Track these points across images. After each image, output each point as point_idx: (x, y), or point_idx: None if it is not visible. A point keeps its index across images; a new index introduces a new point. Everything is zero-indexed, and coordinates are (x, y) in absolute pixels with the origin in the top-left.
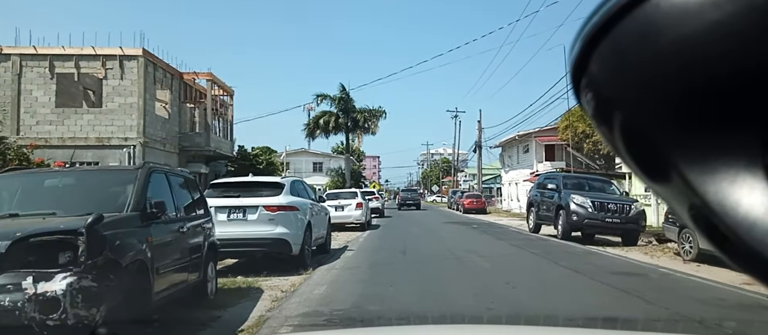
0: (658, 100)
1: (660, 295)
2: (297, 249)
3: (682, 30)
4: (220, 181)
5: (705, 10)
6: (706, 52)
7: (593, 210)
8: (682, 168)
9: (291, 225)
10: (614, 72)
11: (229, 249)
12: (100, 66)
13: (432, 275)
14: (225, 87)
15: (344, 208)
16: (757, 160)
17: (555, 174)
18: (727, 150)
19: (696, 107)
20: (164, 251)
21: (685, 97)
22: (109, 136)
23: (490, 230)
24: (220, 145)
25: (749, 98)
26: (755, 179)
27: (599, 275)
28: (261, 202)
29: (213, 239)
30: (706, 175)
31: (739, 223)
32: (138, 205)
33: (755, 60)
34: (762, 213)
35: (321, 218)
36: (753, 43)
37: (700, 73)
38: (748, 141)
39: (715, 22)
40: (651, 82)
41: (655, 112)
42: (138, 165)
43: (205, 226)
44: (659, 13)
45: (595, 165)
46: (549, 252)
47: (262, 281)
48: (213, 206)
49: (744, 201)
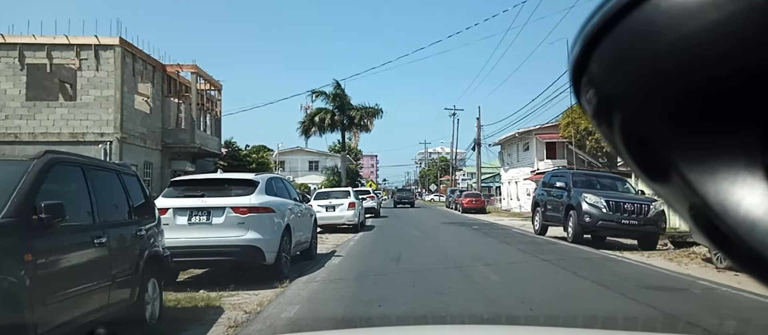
0: (658, 100)
1: (720, 321)
2: (272, 258)
3: (682, 30)
4: (182, 179)
5: (705, 10)
6: (706, 52)
7: (608, 211)
8: (683, 168)
9: (265, 230)
10: (614, 72)
11: (189, 259)
12: (74, 56)
13: (430, 290)
14: (212, 80)
15: (335, 208)
16: (757, 160)
17: (563, 172)
18: (727, 150)
19: (696, 107)
20: (60, 271)
21: (685, 97)
22: (83, 132)
23: (493, 232)
24: (207, 141)
25: (749, 98)
26: (755, 179)
27: (631, 290)
28: (229, 203)
29: (158, 249)
30: (706, 175)
31: (740, 223)
32: (18, 210)
33: (755, 60)
34: (762, 213)
35: (304, 220)
36: (753, 43)
37: (700, 73)
38: (748, 141)
39: (715, 22)
40: (651, 81)
41: (655, 112)
42: (36, 154)
43: (146, 234)
44: (659, 13)
45: (598, 163)
46: (563, 258)
47: (227, 297)
48: (171, 207)
49: (744, 202)
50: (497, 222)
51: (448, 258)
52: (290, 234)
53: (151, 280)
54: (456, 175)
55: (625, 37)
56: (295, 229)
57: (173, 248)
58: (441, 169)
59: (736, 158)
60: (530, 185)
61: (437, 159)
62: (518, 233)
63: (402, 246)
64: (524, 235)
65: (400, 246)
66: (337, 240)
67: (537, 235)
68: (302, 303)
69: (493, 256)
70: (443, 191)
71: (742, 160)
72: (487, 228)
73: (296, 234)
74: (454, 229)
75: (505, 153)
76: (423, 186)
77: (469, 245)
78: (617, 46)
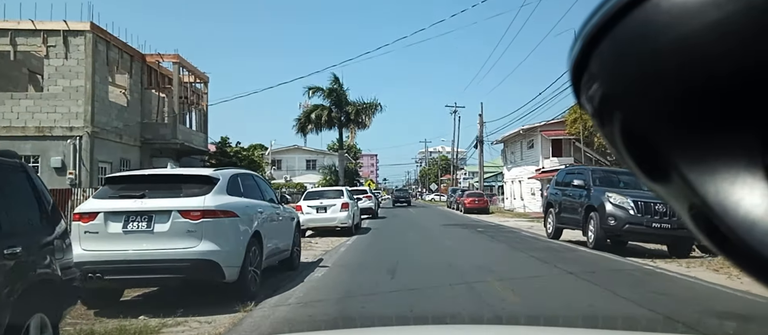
0: (658, 100)
1: None
2: (233, 274)
3: (682, 29)
4: (121, 175)
5: (705, 9)
6: (706, 52)
7: (636, 213)
8: (683, 168)
9: (223, 239)
10: (614, 71)
11: (122, 277)
12: (40, 43)
13: (433, 317)
14: (197, 72)
15: (327, 209)
16: (757, 160)
17: (581, 168)
18: (727, 150)
19: (696, 107)
20: None
21: (686, 97)
22: (51, 125)
23: (500, 235)
24: (191, 137)
25: (749, 98)
26: (755, 179)
27: (702, 320)
28: (177, 205)
29: (51, 271)
30: (706, 176)
31: (740, 224)
32: None
33: (755, 59)
34: (762, 213)
35: (282, 226)
36: (753, 43)
37: (700, 73)
38: (748, 141)
39: (715, 22)
40: (651, 81)
41: (655, 112)
42: None
43: (25, 252)
44: (659, 12)
45: (606, 161)
46: (590, 270)
47: (171, 327)
48: (102, 211)
49: (744, 202)
50: (503, 223)
51: (454, 271)
52: (260, 243)
53: (37, 316)
54: (457, 174)
55: (626, 36)
56: (268, 237)
57: (102, 263)
58: (442, 168)
59: (736, 158)
60: (535, 184)
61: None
62: (529, 236)
63: (399, 253)
64: (536, 239)
65: (397, 254)
66: (328, 244)
67: (550, 239)
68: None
69: (506, 268)
70: (444, 191)
71: (742, 160)
72: (493, 230)
73: (270, 242)
74: (458, 232)
75: (508, 151)
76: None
77: (477, 252)
78: (617, 45)
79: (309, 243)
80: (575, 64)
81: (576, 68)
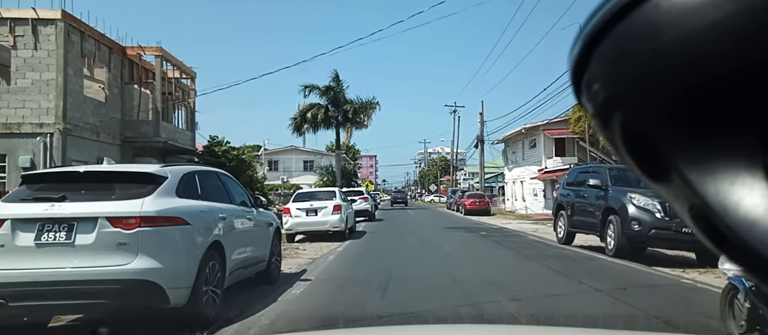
0: (658, 100)
1: None
2: (180, 297)
3: (683, 29)
4: (40, 172)
5: (705, 9)
6: (707, 52)
7: (663, 216)
8: (683, 168)
9: (167, 254)
10: (615, 71)
11: (31, 303)
12: (7, 32)
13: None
14: (183, 67)
15: (317, 212)
16: (757, 161)
17: (596, 167)
18: (727, 150)
19: (696, 107)
20: None
21: (686, 97)
22: (18, 122)
23: (506, 240)
24: (176, 135)
25: (749, 98)
26: (755, 179)
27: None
28: (105, 211)
29: None
30: (706, 176)
31: (740, 223)
32: None
33: (755, 59)
34: (762, 213)
35: (255, 233)
36: (752, 42)
37: (700, 73)
38: (747, 141)
39: (715, 22)
40: (651, 81)
41: (655, 112)
42: None
43: None
44: (659, 12)
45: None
46: (620, 286)
47: None
48: (9, 218)
49: (744, 202)
50: (506, 226)
51: (457, 287)
52: (222, 256)
53: None
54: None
55: (626, 36)
56: (233, 248)
57: (7, 286)
58: (441, 169)
59: (736, 159)
60: (537, 184)
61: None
62: (537, 241)
63: (394, 263)
64: (546, 245)
65: (392, 264)
66: (317, 251)
67: (562, 245)
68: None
69: (519, 283)
70: (444, 191)
71: (742, 161)
72: (498, 234)
73: (237, 254)
74: (460, 237)
75: (509, 150)
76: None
77: (482, 262)
78: (618, 45)
79: (296, 249)
80: (576, 64)
81: (577, 68)
